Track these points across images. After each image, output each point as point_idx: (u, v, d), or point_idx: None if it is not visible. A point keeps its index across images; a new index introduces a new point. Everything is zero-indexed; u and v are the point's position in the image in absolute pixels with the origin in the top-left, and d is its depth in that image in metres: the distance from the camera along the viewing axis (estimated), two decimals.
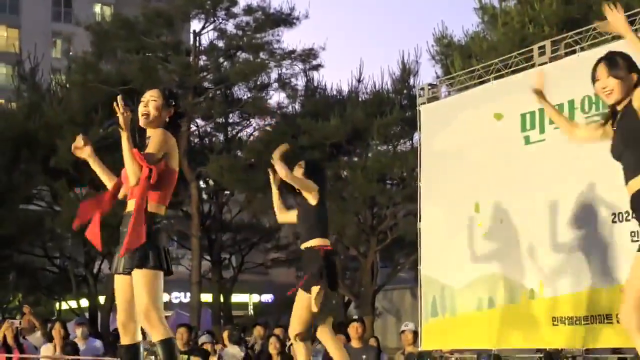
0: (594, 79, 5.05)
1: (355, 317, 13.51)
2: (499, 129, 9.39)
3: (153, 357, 5.66)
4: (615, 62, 5.05)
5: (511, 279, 9.03)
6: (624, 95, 4.99)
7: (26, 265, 23.83)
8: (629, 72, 4.99)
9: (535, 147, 8.93)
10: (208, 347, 12.12)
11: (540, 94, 5.69)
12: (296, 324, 7.29)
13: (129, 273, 5.55)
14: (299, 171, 7.43)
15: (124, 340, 5.72)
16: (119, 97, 5.56)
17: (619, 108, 5.06)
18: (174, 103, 5.71)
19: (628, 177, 4.95)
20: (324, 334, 7.24)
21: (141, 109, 5.68)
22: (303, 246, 7.40)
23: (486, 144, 9.52)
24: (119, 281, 5.71)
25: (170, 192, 5.68)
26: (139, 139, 5.68)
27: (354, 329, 11.15)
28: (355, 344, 11.11)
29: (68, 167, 20.35)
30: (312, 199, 7.34)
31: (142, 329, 5.74)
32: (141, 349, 5.73)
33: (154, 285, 5.49)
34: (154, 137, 5.58)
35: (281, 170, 7.24)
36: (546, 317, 8.56)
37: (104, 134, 19.55)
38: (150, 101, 5.67)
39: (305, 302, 7.23)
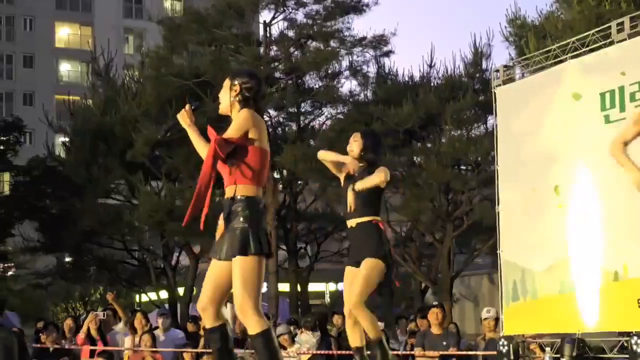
0: None
1: (435, 302, 13.40)
2: (577, 109, 9.22)
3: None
4: None
5: (594, 261, 8.87)
6: None
7: (106, 259, 24.20)
8: None
9: (615, 126, 8.72)
10: (285, 338, 12.12)
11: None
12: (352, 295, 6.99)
13: (230, 259, 5.46)
14: (356, 144, 7.22)
15: (206, 323, 5.67)
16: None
17: None
18: (236, 80, 5.64)
19: None
20: (359, 308, 6.90)
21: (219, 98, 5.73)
22: (353, 223, 7.08)
23: (565, 125, 9.36)
24: (215, 266, 5.63)
25: (263, 172, 5.54)
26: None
27: (434, 315, 11.08)
28: (435, 330, 11.04)
29: (144, 160, 20.62)
30: (383, 182, 7.05)
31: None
32: (227, 330, 5.62)
33: (252, 274, 5.38)
34: (234, 118, 5.59)
35: (338, 158, 7.06)
36: (631, 299, 8.39)
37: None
38: (221, 91, 5.73)
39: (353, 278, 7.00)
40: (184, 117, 5.62)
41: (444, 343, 10.82)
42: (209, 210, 5.59)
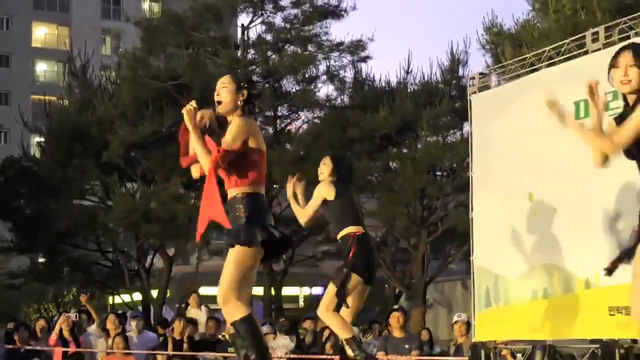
0: (612, 66, 4.90)
1: (395, 306, 13.45)
2: (552, 118, 9.27)
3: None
4: None
5: (566, 269, 8.93)
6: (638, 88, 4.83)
7: (80, 260, 24.10)
8: None
9: None
10: (270, 337, 12.13)
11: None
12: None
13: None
14: (324, 167, 7.47)
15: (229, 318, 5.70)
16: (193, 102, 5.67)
17: (630, 101, 4.87)
18: (245, 85, 5.71)
19: None
20: (322, 313, 7.21)
21: (215, 97, 5.72)
22: (337, 237, 7.46)
23: (539, 133, 9.42)
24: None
25: (261, 172, 5.66)
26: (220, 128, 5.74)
27: (395, 319, 11.08)
28: (397, 333, 11.03)
29: (120, 161, 20.56)
30: (329, 196, 7.37)
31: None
32: (253, 318, 5.64)
33: (239, 263, 5.51)
34: (231, 125, 5.63)
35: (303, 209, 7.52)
36: (602, 307, 8.45)
37: (155, 128, 19.88)
38: (221, 88, 5.72)
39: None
40: (190, 116, 5.61)
41: (406, 346, 10.82)
42: (185, 213, 5.67)
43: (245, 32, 21.88)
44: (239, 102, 5.67)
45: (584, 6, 14.31)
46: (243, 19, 22.14)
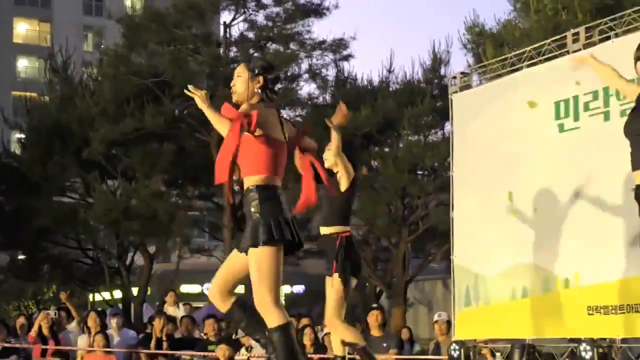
0: (638, 58, 4.98)
1: (375, 305, 13.44)
2: (532, 117, 9.32)
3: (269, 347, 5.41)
4: None
5: (545, 268, 8.96)
6: None
7: (60, 257, 23.99)
8: None
9: (569, 135, 8.86)
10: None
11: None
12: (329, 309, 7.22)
13: (246, 252, 5.43)
14: (329, 153, 7.31)
15: (220, 309, 5.66)
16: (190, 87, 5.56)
17: None
18: (260, 72, 5.64)
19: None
20: (332, 322, 7.15)
21: (231, 87, 5.70)
22: (322, 232, 7.28)
23: (520, 133, 9.46)
24: (233, 255, 5.64)
25: (277, 163, 5.50)
26: None
27: (373, 317, 11.08)
28: (375, 332, 11.03)
29: (100, 159, 20.50)
30: (344, 184, 7.20)
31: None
32: (244, 300, 5.60)
33: (267, 265, 5.32)
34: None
35: (335, 143, 7.04)
36: (581, 307, 8.50)
37: (136, 125, 19.82)
38: (236, 78, 5.68)
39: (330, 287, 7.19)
40: (202, 99, 5.50)
41: (384, 345, 10.83)
42: (166, 210, 5.62)
43: (228, 30, 21.82)
44: (255, 90, 5.61)
45: (565, 6, 14.37)
46: (225, 16, 22.11)
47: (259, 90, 5.62)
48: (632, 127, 5.04)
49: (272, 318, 5.27)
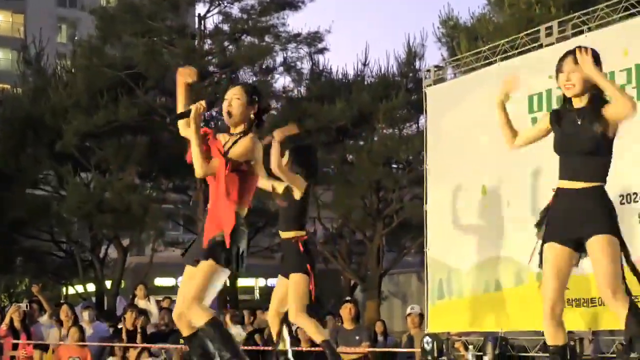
0: (558, 70, 5.23)
1: (348, 298, 13.49)
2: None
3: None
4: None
5: (518, 261, 8.99)
6: (583, 92, 5.21)
7: (33, 250, 23.84)
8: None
9: None
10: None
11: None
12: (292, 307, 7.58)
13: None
14: (285, 160, 7.55)
15: (183, 332, 5.75)
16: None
17: (576, 104, 5.28)
18: (257, 99, 5.67)
19: (573, 177, 5.24)
20: (300, 317, 7.50)
21: (225, 107, 5.64)
22: (282, 235, 7.76)
23: (493, 126, 9.40)
24: (190, 272, 5.69)
25: (250, 196, 5.69)
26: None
27: (346, 310, 11.12)
28: (347, 325, 11.06)
29: (73, 151, 20.37)
30: (297, 194, 7.50)
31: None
32: (203, 336, 5.62)
33: (209, 278, 5.49)
34: (242, 142, 5.56)
35: (274, 157, 7.31)
36: None
37: (109, 118, 19.73)
38: (233, 99, 5.64)
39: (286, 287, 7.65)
40: (198, 115, 5.51)
41: (357, 338, 10.85)
42: (139, 203, 5.67)
43: (202, 22, 21.77)
44: (250, 116, 5.64)
45: (539, 1, 14.42)
46: (200, 8, 22.03)
47: (253, 117, 5.65)
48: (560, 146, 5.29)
49: (201, 314, 5.43)
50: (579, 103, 5.31)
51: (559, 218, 5.44)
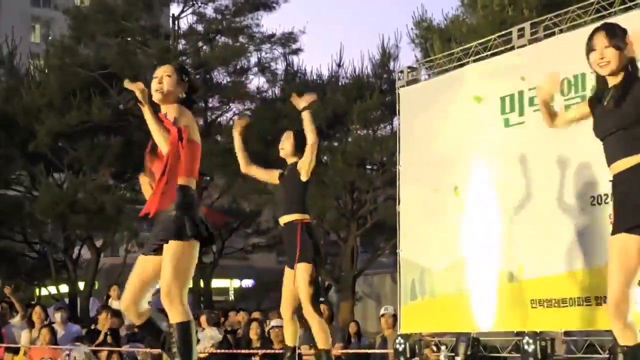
0: (590, 50, 4.91)
1: (322, 299, 13.48)
2: (478, 112, 9.37)
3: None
4: (614, 32, 4.90)
5: (490, 262, 9.03)
6: (619, 69, 4.87)
7: (5, 250, 23.70)
8: (625, 45, 4.86)
9: (515, 130, 8.92)
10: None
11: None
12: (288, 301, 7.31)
13: (161, 247, 5.44)
14: (288, 142, 7.38)
15: (134, 321, 5.70)
16: (126, 81, 5.50)
17: (611, 83, 4.93)
18: (187, 78, 5.66)
19: (618, 157, 4.83)
20: (309, 312, 7.20)
21: (155, 85, 5.58)
22: (283, 220, 7.34)
23: (465, 127, 9.50)
24: (141, 261, 5.62)
25: (196, 165, 5.58)
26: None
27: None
28: None
29: (46, 151, 20.27)
30: (304, 175, 7.29)
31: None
32: (155, 321, 5.64)
33: (184, 260, 5.38)
34: (171, 111, 5.53)
35: (308, 125, 7.23)
36: (525, 300, 8.57)
37: (82, 118, 19.64)
38: (164, 77, 5.59)
39: (291, 279, 7.23)
40: (144, 94, 5.42)
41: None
42: (113, 204, 5.59)
43: (176, 22, 21.73)
44: (179, 95, 5.61)
45: (512, 3, 14.48)
46: (174, 8, 22.02)
47: (183, 95, 5.62)
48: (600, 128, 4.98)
49: (179, 313, 5.37)
50: (614, 80, 4.93)
51: (622, 204, 4.86)
